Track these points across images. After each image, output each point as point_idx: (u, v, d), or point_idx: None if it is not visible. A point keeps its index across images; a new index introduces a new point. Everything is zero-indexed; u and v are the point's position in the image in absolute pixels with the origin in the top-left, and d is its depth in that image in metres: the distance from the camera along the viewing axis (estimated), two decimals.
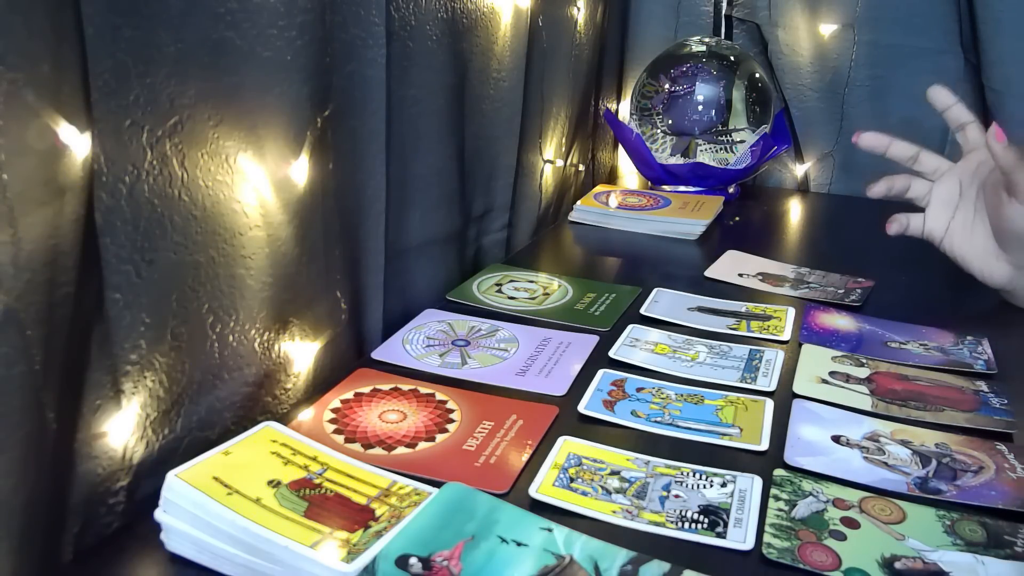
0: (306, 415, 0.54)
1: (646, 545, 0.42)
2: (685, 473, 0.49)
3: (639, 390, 0.58)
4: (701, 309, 0.73)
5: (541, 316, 0.71)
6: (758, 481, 0.48)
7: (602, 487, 0.47)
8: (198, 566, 0.40)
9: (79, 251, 0.37)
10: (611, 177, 1.31)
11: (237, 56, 0.46)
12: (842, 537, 0.43)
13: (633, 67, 1.25)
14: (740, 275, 0.82)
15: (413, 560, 0.38)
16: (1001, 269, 0.72)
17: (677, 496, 0.46)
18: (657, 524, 0.44)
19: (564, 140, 1.02)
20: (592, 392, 0.58)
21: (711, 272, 0.82)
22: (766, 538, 0.43)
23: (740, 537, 0.43)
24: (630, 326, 0.69)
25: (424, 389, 0.58)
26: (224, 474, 0.43)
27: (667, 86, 1.10)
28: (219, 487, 0.41)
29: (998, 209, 0.70)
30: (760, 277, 0.81)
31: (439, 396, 0.57)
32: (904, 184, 0.77)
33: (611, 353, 0.64)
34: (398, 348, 0.64)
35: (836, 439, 0.53)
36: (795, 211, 1.15)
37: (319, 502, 0.42)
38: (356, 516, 0.42)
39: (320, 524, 0.41)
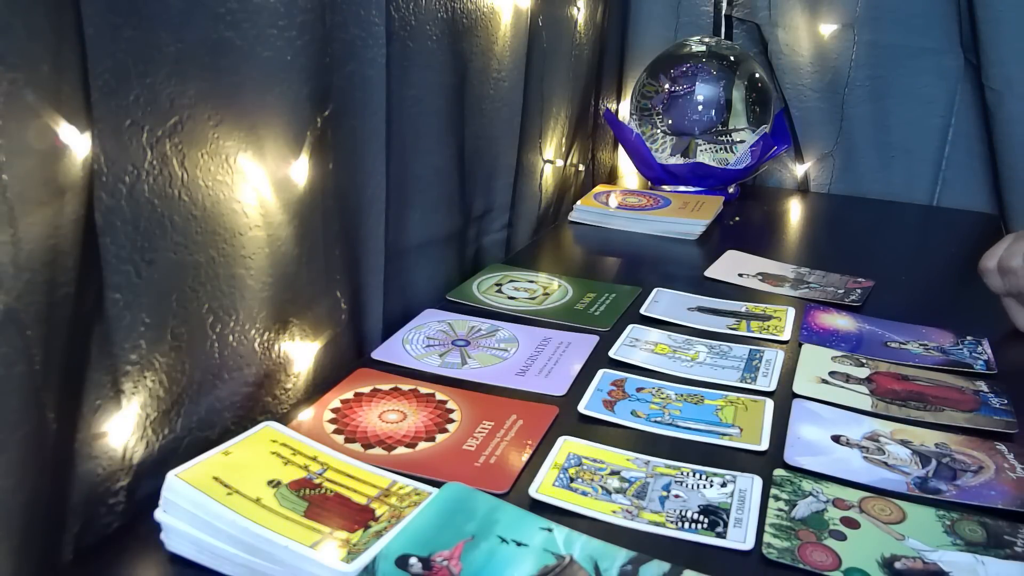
0: (306, 415, 0.54)
1: (646, 545, 0.42)
2: (685, 473, 0.49)
3: (639, 390, 0.58)
4: (701, 309, 0.73)
5: (541, 316, 0.71)
6: (758, 481, 0.48)
7: (602, 487, 0.47)
8: (198, 566, 0.40)
9: (79, 251, 0.37)
10: (611, 177, 1.31)
11: (237, 56, 0.46)
12: (842, 537, 0.43)
13: (633, 67, 1.25)
14: (740, 275, 0.82)
15: (413, 560, 0.38)
16: None
17: (677, 496, 0.46)
18: (657, 524, 0.44)
19: (564, 140, 1.02)
20: (592, 392, 0.58)
21: (711, 272, 0.82)
22: (766, 538, 0.43)
23: (740, 537, 0.43)
24: (630, 326, 0.69)
25: (424, 389, 0.58)
26: (224, 474, 0.42)
27: (667, 86, 1.10)
28: (219, 487, 0.41)
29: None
30: (760, 277, 0.81)
31: (439, 396, 0.57)
32: None
33: (611, 353, 0.64)
34: (398, 348, 0.64)
35: (836, 439, 0.53)
36: (795, 211, 1.15)
37: (319, 502, 0.42)
38: (356, 516, 0.42)
39: (320, 524, 0.41)
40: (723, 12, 1.23)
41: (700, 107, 1.08)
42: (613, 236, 0.98)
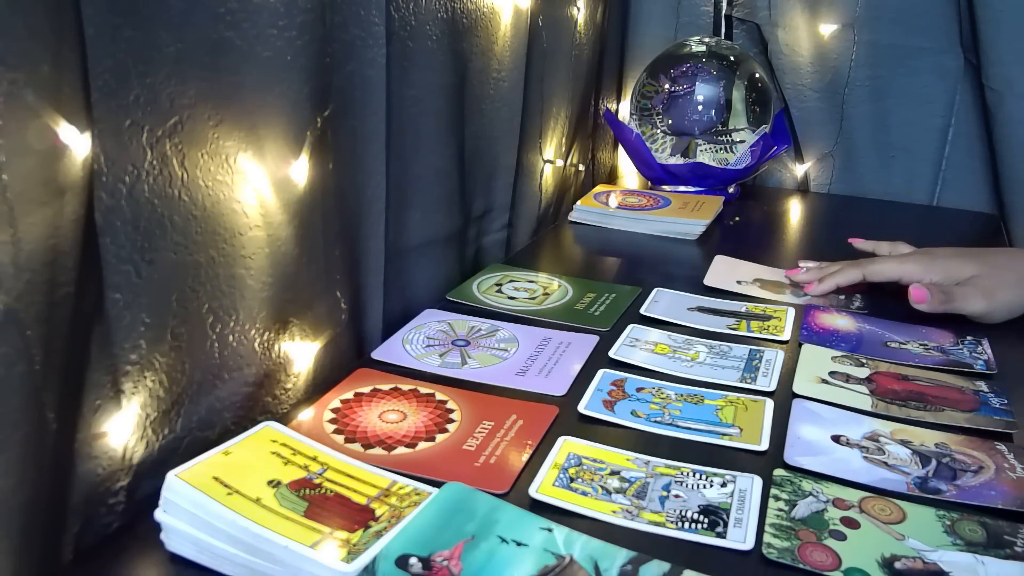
0: (306, 415, 0.54)
1: (646, 545, 0.42)
2: (685, 473, 0.49)
3: (639, 390, 0.58)
4: (701, 309, 0.73)
5: (541, 316, 0.71)
6: (758, 481, 0.48)
7: (602, 487, 0.47)
8: (198, 566, 0.40)
9: (79, 251, 0.37)
10: (611, 177, 1.31)
11: (237, 56, 0.46)
12: (842, 537, 0.43)
13: (633, 67, 1.25)
14: (738, 282, 0.81)
15: (413, 560, 0.39)
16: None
17: (677, 496, 0.46)
18: (657, 524, 0.44)
19: (564, 140, 1.02)
20: (592, 392, 0.58)
21: (709, 280, 0.81)
22: (766, 538, 0.43)
23: (740, 537, 0.43)
24: (630, 326, 0.69)
25: (424, 389, 0.58)
26: (224, 474, 0.43)
27: (667, 86, 1.10)
28: (219, 487, 0.41)
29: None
30: (758, 284, 0.81)
31: (439, 396, 0.57)
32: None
33: (611, 353, 0.64)
34: (398, 348, 0.64)
35: (836, 439, 0.53)
36: (795, 211, 1.15)
37: (319, 502, 0.42)
38: (356, 516, 0.42)
39: (320, 524, 0.41)
40: (723, 12, 1.22)
41: (700, 107, 1.08)
42: (613, 236, 0.98)
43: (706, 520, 0.44)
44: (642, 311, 0.72)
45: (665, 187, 1.12)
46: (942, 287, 0.71)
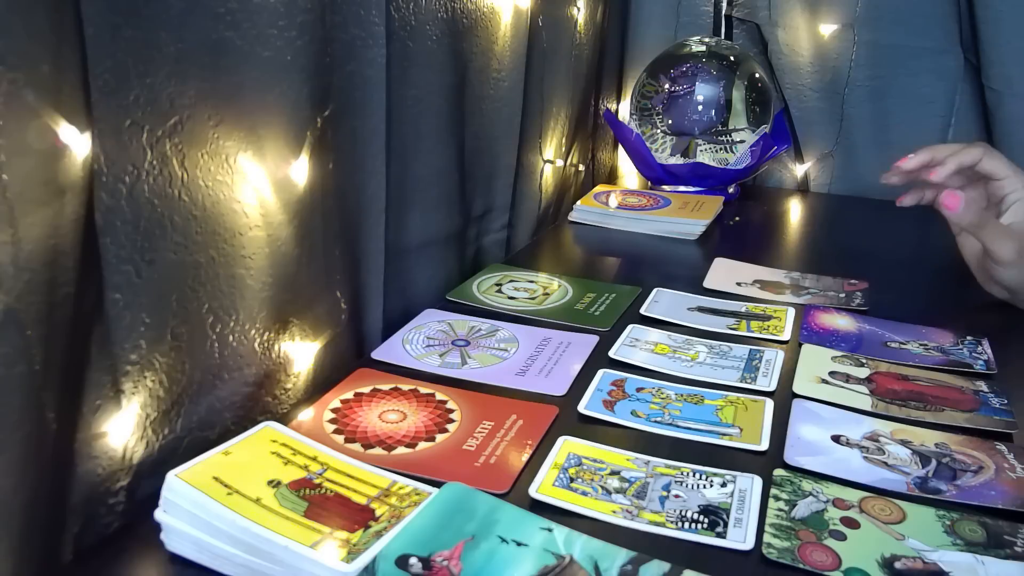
0: (306, 415, 0.54)
1: (646, 545, 0.42)
2: (685, 473, 0.49)
3: (639, 390, 0.58)
4: (701, 309, 0.73)
5: (541, 316, 0.71)
6: (758, 481, 0.48)
7: (602, 487, 0.47)
8: (198, 566, 0.40)
9: (79, 251, 0.37)
10: (611, 177, 1.31)
11: (237, 56, 0.47)
12: (842, 537, 0.43)
13: (633, 67, 1.25)
14: (738, 284, 0.81)
15: (413, 560, 0.39)
16: (994, 287, 0.75)
17: (677, 496, 0.46)
18: (657, 524, 0.44)
19: (564, 140, 1.02)
20: (592, 392, 0.58)
21: (709, 283, 0.81)
22: (766, 538, 0.43)
23: (740, 537, 0.43)
24: (630, 326, 0.69)
25: (424, 389, 0.58)
26: (224, 474, 0.43)
27: (667, 86, 1.10)
28: (219, 487, 0.41)
29: (986, 261, 0.73)
30: (758, 285, 0.81)
31: (439, 396, 0.57)
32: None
33: (611, 353, 0.64)
34: (398, 348, 0.64)
35: (836, 439, 0.53)
36: (795, 211, 1.15)
37: (319, 502, 0.42)
38: (356, 516, 0.42)
39: (320, 524, 0.41)
40: (723, 12, 1.23)
41: (700, 107, 1.08)
42: (613, 236, 0.98)
43: (706, 520, 0.44)
44: (642, 311, 0.72)
45: (665, 187, 1.12)
46: (984, 213, 0.69)
